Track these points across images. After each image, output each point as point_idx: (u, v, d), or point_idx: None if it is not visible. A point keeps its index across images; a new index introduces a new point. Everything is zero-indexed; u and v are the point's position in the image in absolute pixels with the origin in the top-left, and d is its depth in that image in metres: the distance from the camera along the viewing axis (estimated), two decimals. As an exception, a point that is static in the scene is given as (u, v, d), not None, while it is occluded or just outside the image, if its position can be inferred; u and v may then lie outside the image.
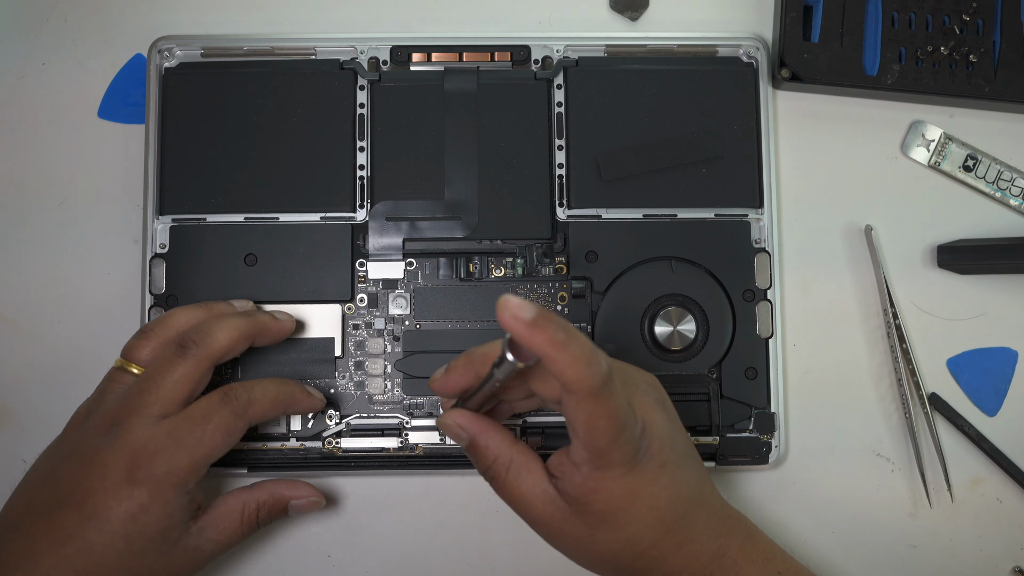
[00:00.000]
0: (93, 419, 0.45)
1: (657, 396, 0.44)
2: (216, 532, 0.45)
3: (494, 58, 0.53)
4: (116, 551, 0.42)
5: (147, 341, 0.47)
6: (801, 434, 0.54)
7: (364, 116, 0.53)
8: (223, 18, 0.55)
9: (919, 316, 0.54)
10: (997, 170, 0.54)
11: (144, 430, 0.43)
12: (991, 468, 0.54)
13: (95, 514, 0.42)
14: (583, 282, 0.52)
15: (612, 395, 0.39)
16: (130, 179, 0.54)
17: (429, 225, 0.52)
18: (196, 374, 0.45)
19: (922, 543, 0.53)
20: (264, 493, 0.47)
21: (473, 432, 0.43)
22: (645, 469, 0.41)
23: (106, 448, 0.43)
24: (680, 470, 0.43)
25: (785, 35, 0.53)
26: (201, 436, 0.44)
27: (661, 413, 0.43)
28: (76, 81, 0.55)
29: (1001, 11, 0.53)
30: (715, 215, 0.53)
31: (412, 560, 0.53)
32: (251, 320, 0.48)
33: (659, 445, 0.42)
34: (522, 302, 0.36)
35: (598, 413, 0.39)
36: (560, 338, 0.36)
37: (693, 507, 0.43)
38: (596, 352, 0.38)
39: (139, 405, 0.44)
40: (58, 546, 0.42)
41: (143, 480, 0.42)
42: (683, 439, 0.44)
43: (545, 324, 0.36)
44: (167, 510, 0.43)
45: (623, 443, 0.40)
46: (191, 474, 0.44)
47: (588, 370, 0.37)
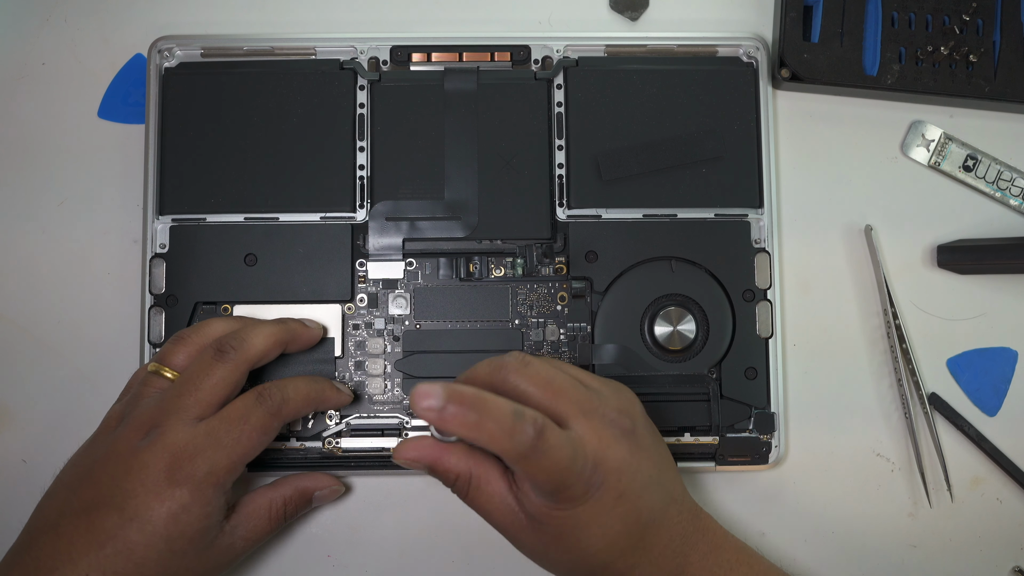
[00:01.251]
0: (129, 422, 0.45)
1: (625, 426, 0.43)
2: (246, 530, 0.46)
3: (494, 58, 0.53)
4: (157, 551, 0.43)
5: (182, 347, 0.47)
6: (801, 434, 0.54)
7: (364, 116, 0.53)
8: (223, 18, 0.55)
9: (919, 316, 0.54)
10: (997, 170, 0.54)
11: (183, 432, 0.44)
12: (991, 468, 0.54)
13: (136, 516, 0.42)
14: (583, 282, 0.52)
15: (545, 453, 0.40)
16: (130, 179, 0.54)
17: (429, 225, 0.52)
18: (233, 378, 0.46)
19: (922, 543, 0.53)
20: (288, 489, 0.49)
21: (428, 460, 0.44)
22: (599, 501, 0.42)
23: (145, 450, 0.43)
24: (640, 498, 0.43)
25: (785, 35, 0.53)
26: (239, 436, 0.44)
27: (622, 445, 0.43)
28: (76, 81, 0.55)
29: (1001, 11, 0.53)
30: (715, 215, 0.53)
31: (412, 560, 0.53)
32: (284, 327, 0.49)
33: (616, 478, 0.42)
34: (431, 388, 0.38)
35: (533, 471, 0.40)
36: (472, 419, 0.39)
37: (652, 530, 0.43)
38: (518, 420, 0.39)
39: (177, 407, 0.44)
40: (97, 547, 0.42)
41: (183, 480, 0.43)
42: (649, 465, 0.44)
43: (455, 411, 0.39)
44: (207, 510, 0.44)
45: (569, 485, 0.41)
46: (230, 473, 0.44)
47: (510, 442, 0.39)
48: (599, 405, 0.43)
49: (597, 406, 0.43)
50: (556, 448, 0.40)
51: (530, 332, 0.52)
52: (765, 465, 0.52)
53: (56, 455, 0.53)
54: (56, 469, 0.53)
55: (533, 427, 0.40)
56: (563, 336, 0.52)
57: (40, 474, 0.53)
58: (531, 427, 0.40)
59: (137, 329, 0.52)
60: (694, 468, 0.52)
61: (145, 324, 0.52)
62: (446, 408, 0.39)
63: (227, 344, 0.46)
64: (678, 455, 0.52)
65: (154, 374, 0.47)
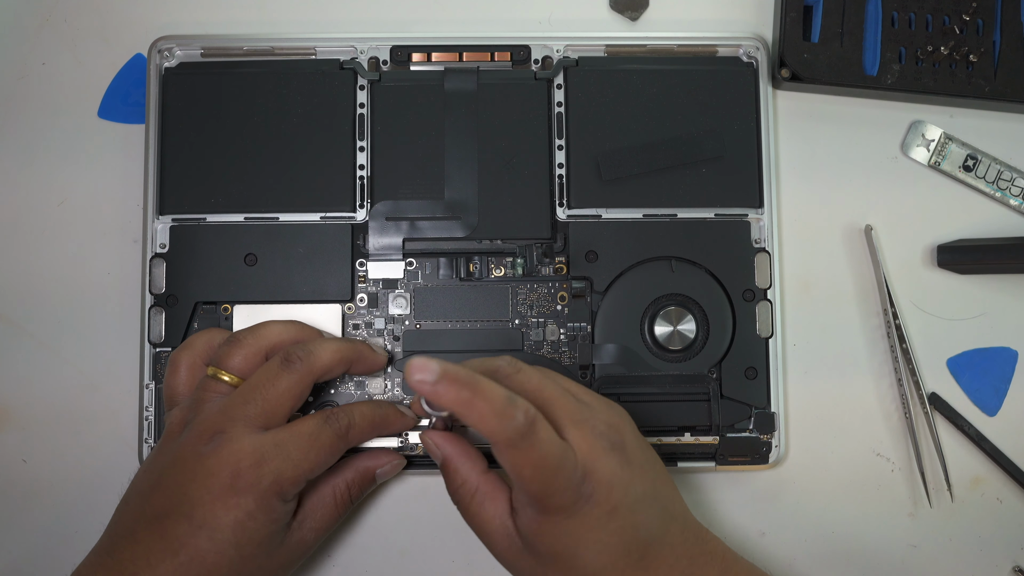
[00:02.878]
0: (193, 428, 0.45)
1: (614, 439, 0.43)
2: (315, 521, 0.47)
3: (494, 58, 0.53)
4: (228, 558, 0.43)
5: (239, 349, 0.47)
6: (801, 434, 0.54)
7: (364, 116, 0.53)
8: (223, 18, 0.55)
9: (919, 316, 0.54)
10: (997, 170, 0.54)
11: (248, 440, 0.44)
12: (991, 468, 0.54)
13: (204, 524, 0.43)
14: (583, 282, 0.52)
15: (534, 445, 0.40)
16: (130, 179, 0.54)
17: (429, 225, 0.52)
18: (299, 388, 0.46)
19: (922, 543, 0.53)
20: (350, 472, 0.48)
21: (447, 453, 0.44)
22: (590, 515, 0.41)
23: (210, 456, 0.43)
24: (635, 514, 0.42)
25: (785, 35, 0.53)
26: (307, 451, 0.44)
27: (613, 458, 0.42)
28: (76, 81, 0.55)
29: (1001, 11, 0.53)
30: (715, 215, 0.53)
31: (412, 560, 0.53)
32: (352, 345, 0.49)
33: (606, 491, 0.41)
34: (426, 363, 0.38)
35: (519, 463, 0.40)
36: (465, 396, 0.38)
37: (654, 550, 0.43)
38: (510, 405, 0.39)
39: (243, 415, 0.44)
40: (172, 555, 0.42)
41: (247, 488, 0.43)
42: (643, 481, 0.43)
43: (449, 384, 0.38)
44: (272, 516, 0.44)
45: (559, 490, 0.41)
46: (294, 486, 0.44)
47: (499, 424, 0.39)
48: (589, 417, 0.43)
49: (587, 417, 0.43)
50: (546, 442, 0.40)
51: (530, 332, 0.52)
52: (765, 465, 0.52)
53: (56, 455, 0.53)
54: (56, 469, 0.53)
55: (524, 415, 0.39)
56: (563, 336, 0.52)
57: (40, 474, 0.53)
58: (522, 414, 0.39)
59: (137, 329, 0.52)
60: (694, 468, 0.52)
61: (145, 324, 0.52)
62: (440, 383, 0.38)
63: (294, 354, 0.46)
64: (678, 455, 0.52)
65: (212, 378, 0.46)
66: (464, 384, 0.39)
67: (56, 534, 0.53)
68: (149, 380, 0.51)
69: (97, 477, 0.53)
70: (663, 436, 0.52)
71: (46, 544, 0.53)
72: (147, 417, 0.51)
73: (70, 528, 0.53)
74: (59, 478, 0.53)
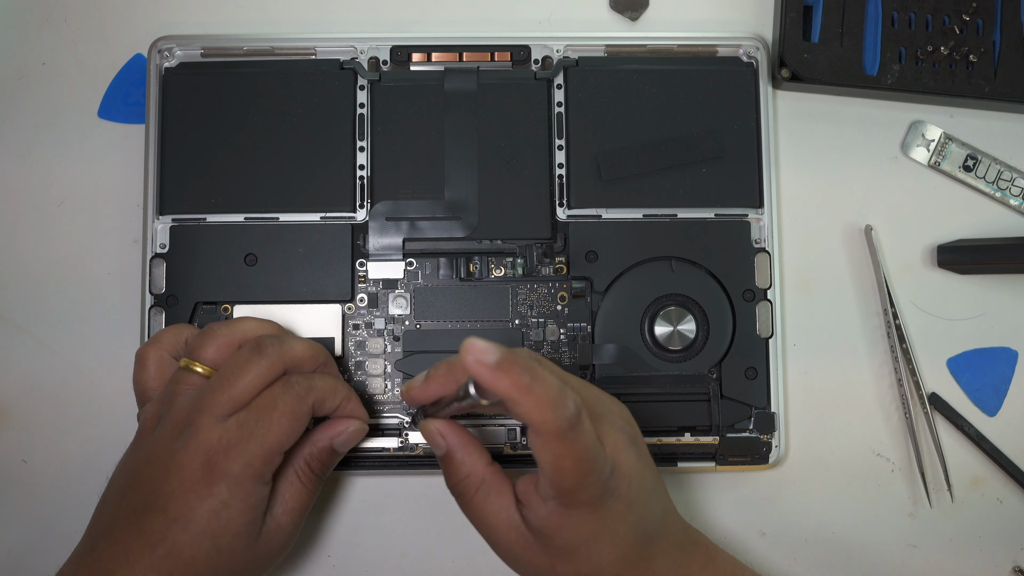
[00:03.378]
0: (165, 422, 0.44)
1: (630, 433, 0.43)
2: (285, 504, 0.45)
3: (494, 58, 0.53)
4: (204, 550, 0.42)
5: (212, 340, 0.46)
6: (801, 434, 0.54)
7: (364, 116, 0.53)
8: (223, 18, 0.55)
9: (919, 316, 0.54)
10: (997, 170, 0.54)
11: (215, 428, 0.43)
12: (991, 468, 0.54)
13: (180, 516, 0.42)
14: (583, 282, 0.52)
15: (579, 437, 0.39)
16: (130, 179, 0.54)
17: (429, 225, 0.52)
18: (270, 375, 0.45)
19: (922, 543, 0.53)
20: (307, 447, 0.47)
21: (452, 443, 0.44)
22: (612, 508, 0.41)
23: (181, 450, 0.43)
24: (646, 507, 0.43)
25: (785, 35, 0.53)
26: (270, 424, 0.43)
27: (632, 452, 0.42)
28: (76, 81, 0.55)
29: (1001, 11, 0.53)
30: (715, 215, 0.53)
31: (412, 560, 0.53)
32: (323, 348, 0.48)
33: (628, 485, 0.42)
34: (487, 346, 0.36)
35: (564, 455, 0.39)
36: (524, 382, 0.37)
37: (656, 540, 0.43)
38: (563, 394, 0.38)
39: (210, 404, 0.44)
40: (149, 550, 0.42)
41: (220, 477, 0.43)
42: (651, 474, 0.44)
43: (509, 368, 0.37)
44: (248, 503, 0.43)
45: (590, 484, 0.40)
46: (266, 464, 0.44)
47: (553, 413, 0.38)
48: (607, 412, 0.43)
49: (607, 411, 0.43)
50: (588, 434, 0.39)
51: (530, 332, 0.52)
52: (765, 465, 0.52)
53: (56, 455, 0.53)
54: (56, 469, 0.53)
55: (575, 405, 0.39)
56: (563, 336, 0.52)
57: (40, 474, 0.53)
58: (573, 404, 0.38)
59: (137, 329, 0.52)
60: (694, 468, 0.52)
61: (145, 324, 0.52)
62: (501, 367, 0.36)
63: (266, 341, 0.45)
64: (678, 455, 0.52)
65: (185, 370, 0.46)
66: (524, 369, 0.37)
67: (56, 534, 0.53)
68: (149, 380, 0.51)
69: (97, 477, 0.53)
70: (663, 436, 0.52)
71: (46, 544, 0.53)
72: (147, 417, 0.51)
73: (70, 528, 0.52)
74: (59, 478, 0.53)
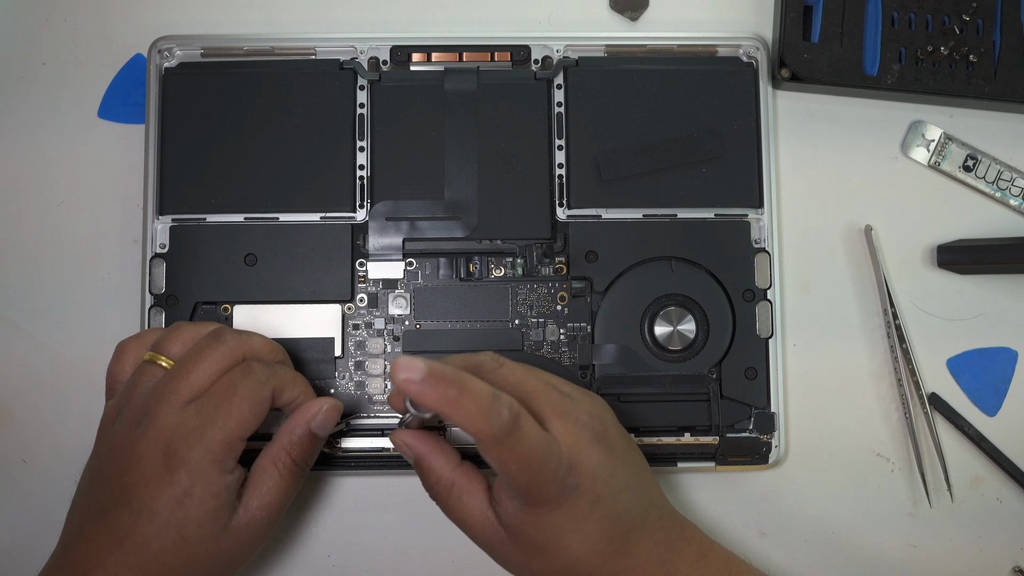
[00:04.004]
0: (125, 414, 0.44)
1: (597, 429, 0.43)
2: (261, 497, 0.44)
3: (494, 58, 0.53)
4: (170, 540, 0.42)
5: (179, 335, 0.46)
6: (801, 434, 0.54)
7: (364, 116, 0.53)
8: (223, 18, 0.55)
9: (919, 316, 0.54)
10: (997, 170, 0.54)
11: (173, 415, 0.43)
12: (991, 468, 0.54)
13: (144, 507, 0.42)
14: (583, 282, 0.52)
15: (520, 441, 0.40)
16: (130, 179, 0.54)
17: (429, 225, 0.52)
18: (228, 362, 0.44)
19: (922, 543, 0.53)
20: (284, 435, 0.45)
21: (419, 452, 0.44)
22: (575, 505, 0.42)
23: (140, 440, 0.43)
24: (617, 503, 0.43)
25: (785, 35, 0.53)
26: (229, 408, 0.43)
27: (596, 448, 0.43)
28: (76, 81, 0.55)
29: (1001, 11, 0.53)
30: (715, 215, 0.53)
31: (412, 560, 0.53)
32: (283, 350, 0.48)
33: (591, 481, 0.42)
34: (412, 361, 0.38)
35: (507, 459, 0.40)
36: (451, 395, 0.38)
37: (634, 536, 0.43)
38: (495, 402, 0.39)
39: (168, 391, 0.43)
40: (118, 546, 0.42)
41: (180, 464, 0.42)
42: (624, 469, 0.44)
43: (435, 383, 0.38)
44: (211, 490, 0.43)
45: (545, 483, 0.41)
46: (227, 450, 0.43)
47: (486, 421, 0.39)
48: (572, 408, 0.43)
49: (570, 409, 0.43)
50: (531, 436, 0.40)
51: (530, 332, 0.52)
52: (765, 465, 0.52)
53: (56, 455, 0.53)
54: (56, 469, 0.53)
55: (509, 411, 0.39)
56: (563, 336, 0.52)
57: (40, 474, 0.53)
58: (507, 410, 0.39)
59: (137, 329, 0.52)
60: (694, 468, 0.52)
61: (145, 324, 0.52)
62: (428, 382, 0.38)
63: (224, 330, 0.45)
64: (678, 455, 0.52)
65: (149, 363, 0.46)
66: (450, 382, 0.39)
67: (56, 534, 0.53)
68: (149, 380, 0.51)
69: (97, 477, 0.53)
70: (663, 436, 0.52)
71: (46, 544, 0.53)
72: (147, 417, 0.51)
73: (70, 528, 0.53)
74: (59, 478, 0.53)
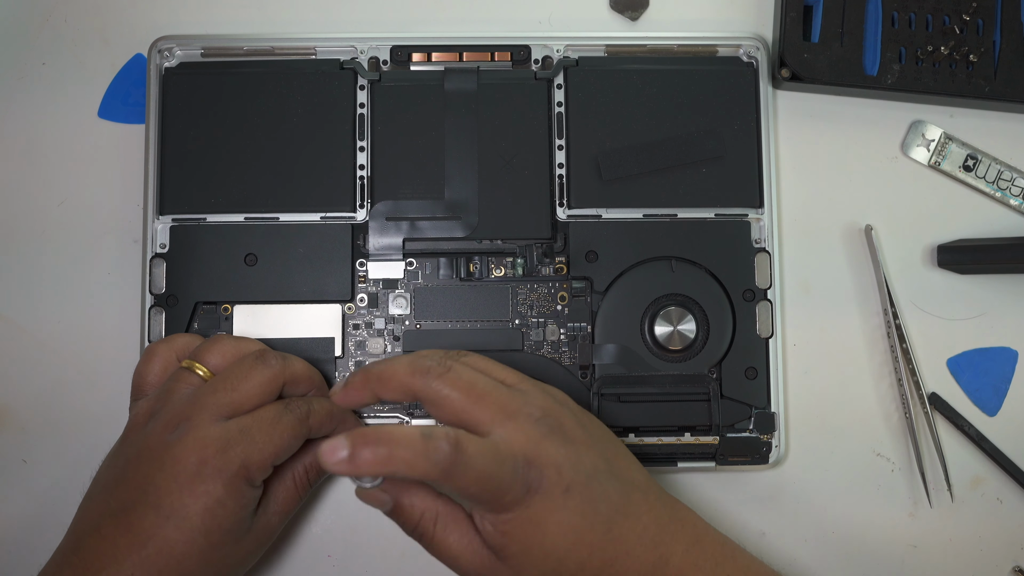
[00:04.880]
0: (159, 417, 0.45)
1: (550, 423, 0.43)
2: (277, 505, 0.47)
3: (494, 58, 0.53)
4: (197, 547, 0.43)
5: (220, 347, 0.47)
6: (801, 434, 0.54)
7: (364, 116, 0.53)
8: (223, 18, 0.55)
9: (919, 316, 0.54)
10: (997, 170, 0.54)
11: (214, 426, 0.43)
12: (991, 468, 0.54)
13: (173, 513, 0.42)
14: (583, 282, 0.52)
15: (467, 465, 0.40)
16: (130, 179, 0.54)
17: (429, 225, 0.52)
18: (271, 386, 0.46)
19: (922, 543, 0.53)
20: (308, 456, 0.48)
21: (394, 495, 0.44)
22: (545, 499, 0.42)
23: (176, 444, 0.43)
24: (590, 489, 0.42)
25: (785, 35, 0.53)
26: (271, 435, 0.44)
27: (553, 440, 0.42)
28: (76, 81, 0.55)
29: (1001, 11, 0.53)
30: (715, 215, 0.53)
31: (412, 560, 0.53)
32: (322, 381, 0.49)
33: (555, 472, 0.42)
34: (335, 443, 0.38)
35: (463, 485, 0.40)
36: (382, 454, 0.39)
37: (618, 521, 0.43)
38: (429, 441, 0.39)
39: (210, 403, 0.44)
40: (139, 547, 0.42)
41: (215, 474, 0.43)
42: (591, 455, 0.43)
43: (360, 454, 0.39)
44: (241, 502, 0.44)
45: (506, 488, 0.41)
46: (261, 471, 0.44)
47: (427, 463, 0.39)
48: (523, 405, 0.43)
49: (521, 406, 0.43)
50: (477, 456, 0.40)
51: (530, 332, 0.52)
52: (765, 465, 0.52)
53: (56, 455, 0.53)
54: (56, 469, 0.53)
55: (447, 442, 0.39)
56: (563, 336, 0.52)
57: (40, 474, 0.53)
58: (444, 443, 0.39)
59: (137, 329, 0.52)
60: (694, 468, 0.52)
61: (145, 324, 0.52)
62: (356, 454, 0.38)
63: (270, 353, 0.47)
64: (678, 455, 0.52)
65: (187, 370, 0.46)
66: (376, 441, 0.39)
67: (56, 534, 0.53)
68: (149, 380, 0.51)
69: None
70: (663, 436, 0.52)
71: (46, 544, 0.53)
72: (147, 417, 0.51)
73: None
74: (59, 478, 0.53)
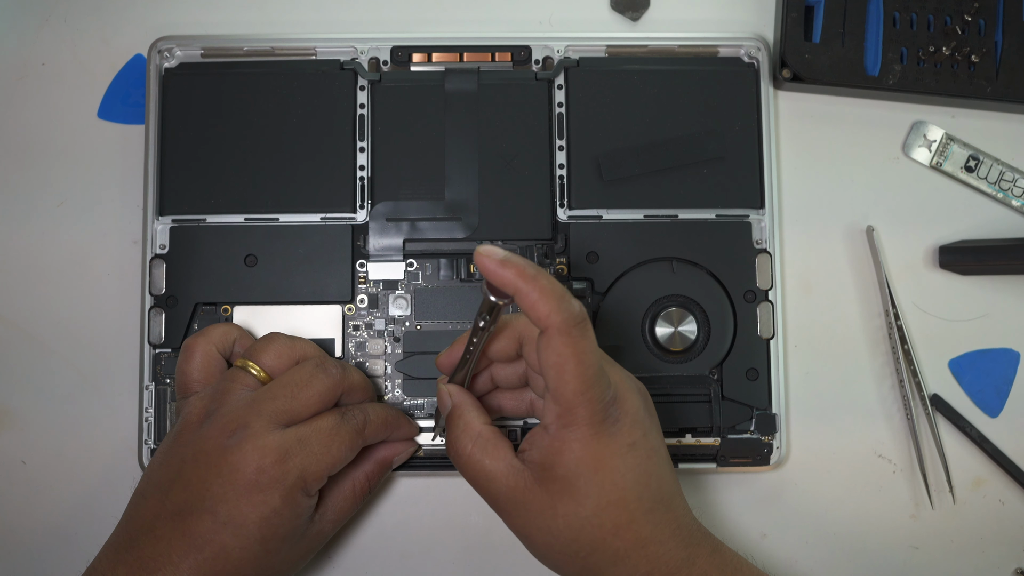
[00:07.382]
0: (216, 419, 0.45)
1: (641, 392, 0.44)
2: (334, 513, 0.47)
3: (495, 58, 0.53)
4: (254, 553, 0.43)
5: (274, 348, 0.47)
6: (802, 435, 0.54)
7: (364, 116, 0.53)
8: (223, 18, 0.55)
9: (921, 317, 0.54)
10: (999, 171, 0.54)
11: (273, 435, 0.44)
12: (993, 469, 0.54)
13: (230, 520, 0.43)
14: (584, 283, 0.52)
15: (583, 337, 0.40)
16: (130, 180, 0.54)
17: (429, 226, 0.52)
18: (330, 396, 0.46)
19: (924, 544, 0.53)
20: (369, 464, 0.49)
21: (458, 401, 0.45)
22: (612, 440, 0.42)
23: (234, 450, 0.43)
24: (650, 463, 0.43)
25: (786, 35, 0.53)
26: (329, 447, 0.45)
27: (638, 398, 0.43)
28: (76, 81, 0.55)
29: (1003, 11, 0.53)
30: (716, 216, 0.53)
31: (412, 560, 0.53)
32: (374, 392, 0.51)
33: (631, 423, 0.42)
34: (491, 248, 0.40)
35: (567, 354, 0.40)
36: (530, 272, 0.40)
37: (661, 509, 0.43)
38: (568, 295, 0.40)
39: (270, 409, 0.44)
40: (195, 551, 0.42)
41: (273, 484, 0.43)
42: (658, 438, 0.44)
43: (515, 261, 0.40)
44: (297, 511, 0.44)
45: (591, 399, 0.41)
46: (317, 481, 0.45)
47: (559, 304, 0.40)
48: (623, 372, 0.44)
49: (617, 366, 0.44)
50: (591, 340, 0.41)
51: (531, 333, 0.52)
52: (766, 466, 0.52)
53: (56, 455, 0.53)
54: (55, 470, 0.53)
55: (580, 307, 0.40)
56: (564, 337, 0.52)
57: (40, 474, 0.53)
58: (578, 306, 0.40)
59: (137, 329, 0.52)
60: (696, 469, 0.52)
61: (145, 325, 0.52)
62: (508, 259, 0.40)
63: (331, 362, 0.47)
64: (680, 456, 0.52)
65: (242, 369, 0.46)
66: (529, 264, 0.40)
67: (56, 535, 0.53)
68: (149, 381, 0.51)
69: (97, 478, 0.53)
70: (664, 437, 0.51)
71: (46, 544, 0.53)
72: (147, 418, 0.51)
73: (70, 529, 0.53)
74: (59, 478, 0.53)
